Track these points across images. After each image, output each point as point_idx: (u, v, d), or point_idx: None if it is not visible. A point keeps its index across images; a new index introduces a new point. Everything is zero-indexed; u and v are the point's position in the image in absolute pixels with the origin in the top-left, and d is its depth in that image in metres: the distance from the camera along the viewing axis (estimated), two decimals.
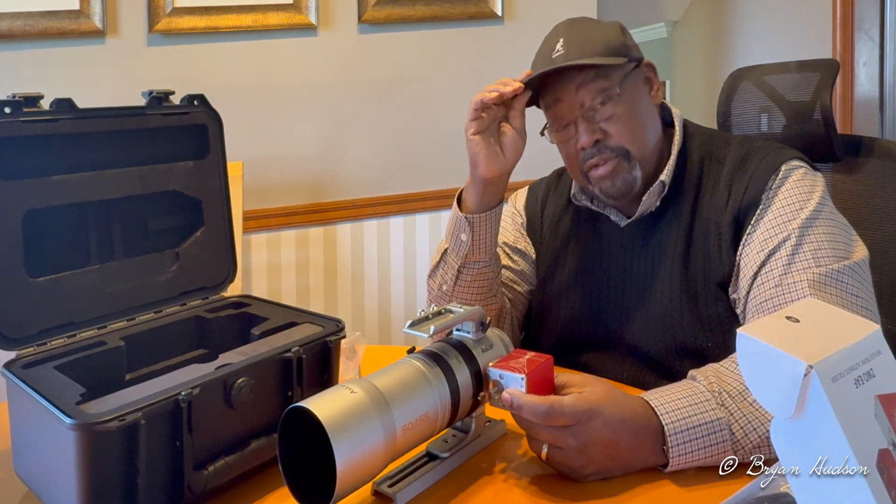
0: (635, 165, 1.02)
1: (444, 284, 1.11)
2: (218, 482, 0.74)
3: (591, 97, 1.00)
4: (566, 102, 1.02)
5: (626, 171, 1.02)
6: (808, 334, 0.51)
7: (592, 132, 1.00)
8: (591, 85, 1.00)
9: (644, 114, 1.04)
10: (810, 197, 0.95)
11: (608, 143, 1.01)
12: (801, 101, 1.25)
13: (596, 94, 1.00)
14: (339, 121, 2.06)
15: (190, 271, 0.99)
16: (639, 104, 1.03)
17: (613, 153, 1.01)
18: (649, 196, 1.04)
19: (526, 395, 0.75)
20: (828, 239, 0.92)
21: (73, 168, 0.88)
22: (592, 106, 1.00)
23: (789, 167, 0.99)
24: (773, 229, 0.95)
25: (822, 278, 0.89)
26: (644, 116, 1.04)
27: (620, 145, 1.01)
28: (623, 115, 1.01)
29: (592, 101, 1.00)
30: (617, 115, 1.00)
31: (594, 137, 1.00)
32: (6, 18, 1.75)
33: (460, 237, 1.07)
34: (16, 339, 0.81)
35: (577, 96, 1.01)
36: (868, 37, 2.43)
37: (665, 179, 1.04)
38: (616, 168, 1.01)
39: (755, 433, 0.77)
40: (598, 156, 1.01)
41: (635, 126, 1.02)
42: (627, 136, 1.01)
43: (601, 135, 1.01)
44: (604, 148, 1.01)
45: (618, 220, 1.10)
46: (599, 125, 1.01)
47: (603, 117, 1.00)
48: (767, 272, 0.93)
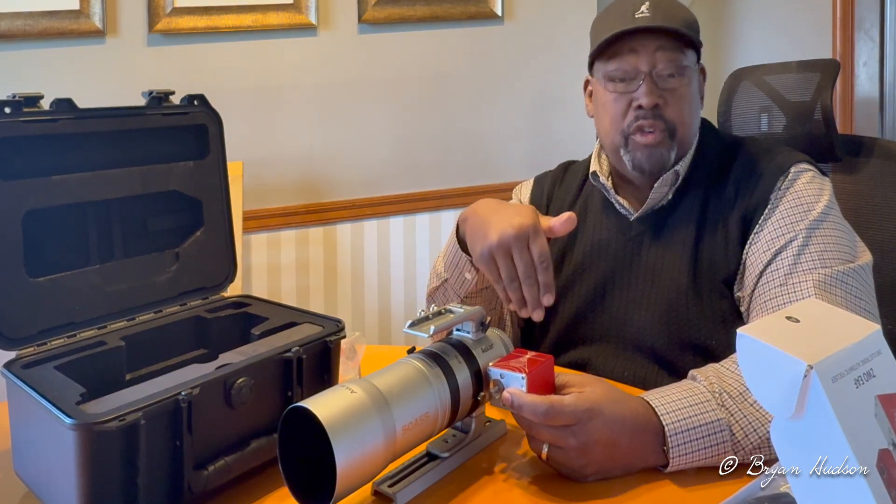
0: (674, 146, 1.03)
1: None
2: (218, 482, 0.74)
3: (665, 63, 1.01)
4: (641, 56, 1.02)
5: (666, 148, 1.03)
6: (808, 334, 0.51)
7: (656, 95, 1.01)
8: (671, 53, 1.01)
9: (697, 104, 1.07)
10: (819, 199, 0.96)
11: (664, 114, 1.02)
12: (801, 101, 1.25)
13: (671, 62, 1.01)
14: (339, 121, 2.06)
15: (190, 271, 0.99)
16: (696, 93, 1.06)
17: (664, 125, 1.02)
18: (661, 185, 1.04)
19: (526, 395, 0.75)
20: (834, 241, 0.93)
21: (73, 168, 0.88)
22: (663, 72, 1.01)
23: (798, 169, 1.00)
24: (780, 229, 0.95)
25: (827, 279, 0.89)
26: (696, 106, 1.07)
27: (672, 121, 1.02)
28: (685, 94, 1.03)
29: (666, 66, 1.01)
30: (681, 91, 1.02)
31: (656, 101, 1.01)
32: (6, 18, 1.75)
33: (464, 276, 1.05)
34: (16, 339, 0.81)
35: (654, 56, 1.01)
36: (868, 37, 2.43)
37: (679, 170, 1.04)
38: (661, 141, 1.02)
39: (755, 434, 0.77)
40: (651, 120, 1.02)
41: (689, 110, 1.04)
42: (681, 116, 1.03)
43: (661, 101, 1.01)
44: (659, 116, 1.02)
45: (627, 214, 1.10)
46: (662, 92, 1.02)
47: (668, 86, 1.02)
48: (773, 271, 0.93)
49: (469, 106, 2.17)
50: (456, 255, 1.05)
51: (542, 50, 2.21)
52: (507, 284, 0.88)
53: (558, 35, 2.21)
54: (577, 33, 2.19)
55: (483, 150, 2.19)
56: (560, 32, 2.21)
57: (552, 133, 2.24)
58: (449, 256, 1.07)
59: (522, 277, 0.86)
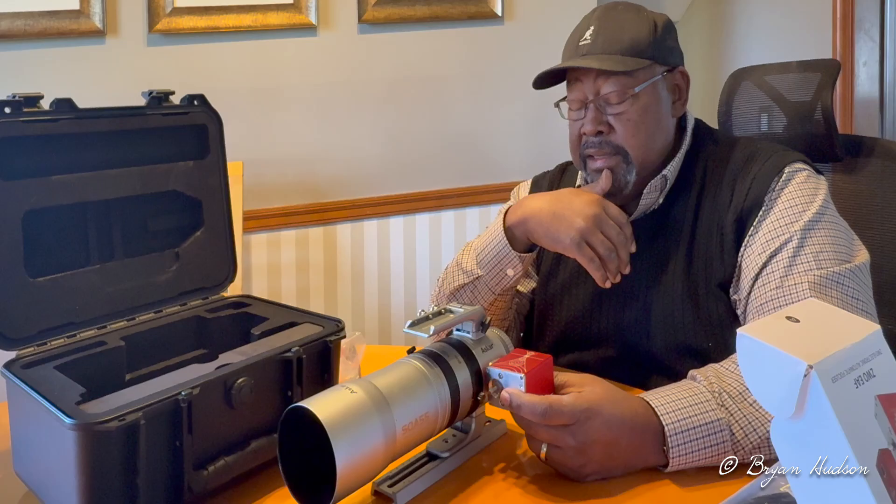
0: (632, 169, 1.02)
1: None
2: (218, 482, 0.74)
3: (607, 89, 1.00)
4: (584, 84, 1.02)
5: (622, 171, 1.02)
6: (808, 334, 0.51)
7: (598, 122, 1.01)
8: (612, 78, 1.00)
9: (655, 121, 1.03)
10: (813, 200, 0.95)
11: (610, 139, 1.01)
12: (802, 101, 1.25)
13: (613, 88, 1.00)
14: (340, 121, 2.06)
15: (190, 271, 0.99)
16: (653, 110, 1.02)
17: (612, 150, 1.02)
18: (650, 191, 1.04)
19: (525, 395, 0.75)
20: (830, 242, 0.92)
21: (73, 168, 0.88)
22: (606, 97, 1.01)
23: (793, 169, 0.99)
24: (775, 231, 0.94)
25: (823, 280, 0.88)
26: (655, 124, 1.03)
27: (621, 146, 1.01)
28: (633, 117, 1.00)
29: (608, 93, 1.00)
30: (627, 115, 1.00)
31: (598, 128, 1.01)
32: (6, 18, 1.75)
33: (506, 272, 1.05)
34: (16, 339, 0.81)
35: (595, 83, 1.01)
36: (868, 37, 2.43)
37: (668, 174, 1.04)
38: (613, 166, 1.02)
39: (755, 434, 0.77)
40: (597, 148, 1.02)
41: (642, 131, 1.01)
42: (631, 139, 1.01)
43: (606, 128, 1.01)
44: (605, 143, 1.02)
45: None
46: (607, 118, 1.01)
47: (613, 112, 1.01)
48: (769, 273, 0.93)
49: (469, 106, 2.17)
50: (500, 252, 1.04)
51: (543, 50, 2.20)
52: (608, 257, 0.95)
53: (558, 35, 2.19)
54: None
55: (483, 149, 2.19)
56: (560, 32, 2.18)
57: (552, 133, 2.24)
58: (489, 254, 1.06)
59: (619, 245, 0.96)
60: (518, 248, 1.04)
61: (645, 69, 1.01)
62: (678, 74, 1.06)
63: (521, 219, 1.02)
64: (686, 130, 1.08)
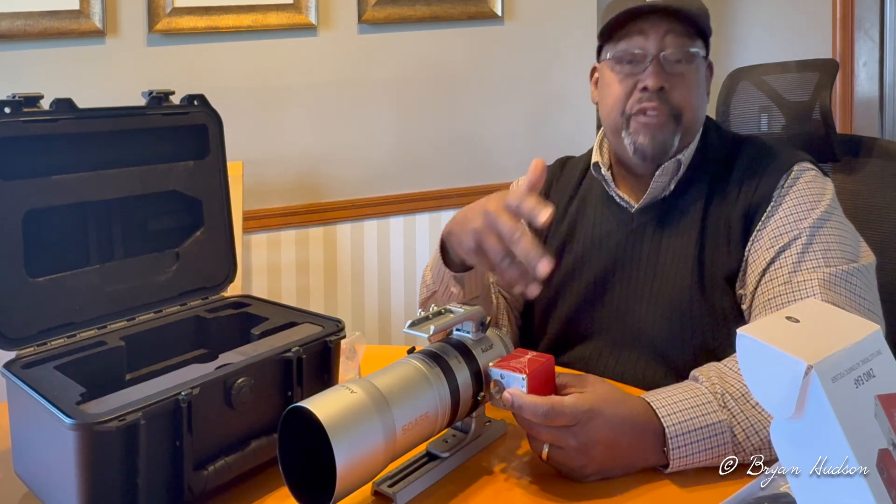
0: (679, 132, 1.02)
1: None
2: (218, 482, 0.74)
3: (675, 47, 1.00)
4: (650, 38, 1.01)
5: (670, 132, 1.02)
6: (808, 334, 0.51)
7: (662, 78, 1.00)
8: (680, 38, 1.01)
9: (703, 92, 1.06)
10: (821, 198, 0.96)
11: (669, 98, 1.01)
12: (800, 101, 1.25)
13: (680, 47, 1.01)
14: (340, 121, 2.06)
15: (190, 271, 0.99)
16: (703, 82, 1.06)
17: (669, 108, 1.01)
18: (662, 174, 1.03)
19: (527, 396, 0.75)
20: (837, 240, 0.92)
21: (73, 168, 0.88)
22: (671, 56, 1.01)
23: (801, 168, 0.99)
24: (783, 227, 0.95)
25: (832, 278, 0.89)
26: (702, 94, 1.06)
27: (678, 105, 1.01)
28: (692, 80, 1.02)
29: (675, 51, 1.00)
30: (688, 77, 1.02)
31: (661, 83, 1.00)
32: (6, 18, 1.75)
33: (451, 290, 1.00)
34: (16, 339, 0.81)
35: (664, 39, 1.00)
36: (868, 37, 2.43)
37: (682, 159, 1.04)
38: (663, 124, 1.01)
39: (757, 436, 0.77)
40: (656, 102, 1.01)
41: (696, 96, 1.03)
42: (687, 100, 1.02)
43: (668, 85, 1.01)
44: (664, 99, 1.01)
45: (627, 206, 1.09)
46: (669, 77, 1.01)
47: (675, 71, 1.01)
48: (776, 269, 0.93)
49: (469, 106, 2.17)
50: (439, 269, 0.99)
51: (542, 50, 2.20)
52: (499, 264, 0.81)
53: (558, 35, 2.21)
54: (577, 33, 2.19)
55: (483, 149, 2.19)
56: (560, 32, 2.20)
57: (552, 133, 2.24)
58: (435, 270, 1.02)
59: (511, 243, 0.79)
60: (453, 265, 0.96)
61: (701, 41, 1.04)
62: (709, 64, 1.09)
63: (448, 230, 0.94)
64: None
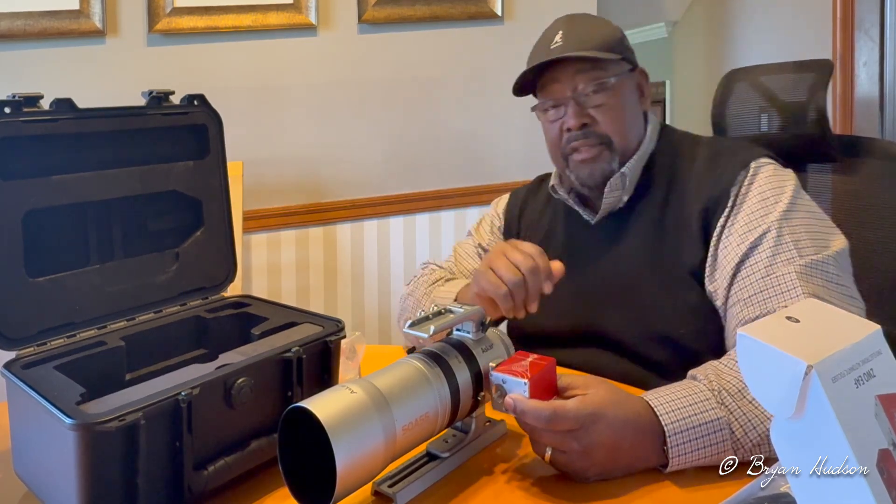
0: (615, 157, 1.07)
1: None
2: (218, 482, 0.74)
3: (585, 83, 1.05)
4: (562, 84, 1.06)
5: (606, 160, 1.06)
6: (808, 334, 0.51)
7: (581, 116, 1.06)
8: (588, 73, 1.05)
9: (631, 112, 1.09)
10: (783, 190, 0.98)
11: (594, 130, 1.06)
12: (796, 101, 1.25)
13: (591, 82, 1.05)
14: (339, 121, 2.06)
15: (190, 271, 0.99)
16: (628, 102, 1.09)
17: (598, 140, 1.06)
18: (610, 190, 1.07)
19: (529, 400, 0.75)
20: (806, 230, 0.94)
21: (73, 168, 0.88)
22: (585, 91, 1.05)
23: (759, 164, 1.02)
24: (751, 223, 0.96)
25: (807, 269, 0.90)
26: (631, 114, 1.09)
27: (606, 133, 1.06)
28: (613, 106, 1.06)
29: (586, 86, 1.05)
30: (607, 104, 1.05)
31: (582, 121, 1.05)
32: (6, 18, 1.75)
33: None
34: (16, 339, 0.81)
35: (574, 80, 1.06)
36: (868, 37, 2.43)
37: (626, 172, 1.07)
38: (597, 156, 1.06)
39: (755, 431, 0.77)
40: (582, 140, 1.06)
41: (622, 119, 1.07)
42: (613, 127, 1.06)
43: (589, 119, 1.06)
44: (590, 133, 1.06)
45: (588, 218, 1.13)
46: (589, 111, 1.06)
47: (593, 104, 1.05)
48: (752, 265, 0.94)
49: (469, 106, 2.17)
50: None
51: None
52: (513, 284, 0.90)
53: None
54: None
55: (482, 149, 2.19)
56: None
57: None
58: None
59: (527, 272, 0.90)
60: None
61: (616, 63, 1.07)
62: (639, 73, 1.12)
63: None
64: (646, 131, 1.12)
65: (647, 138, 1.10)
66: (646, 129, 1.12)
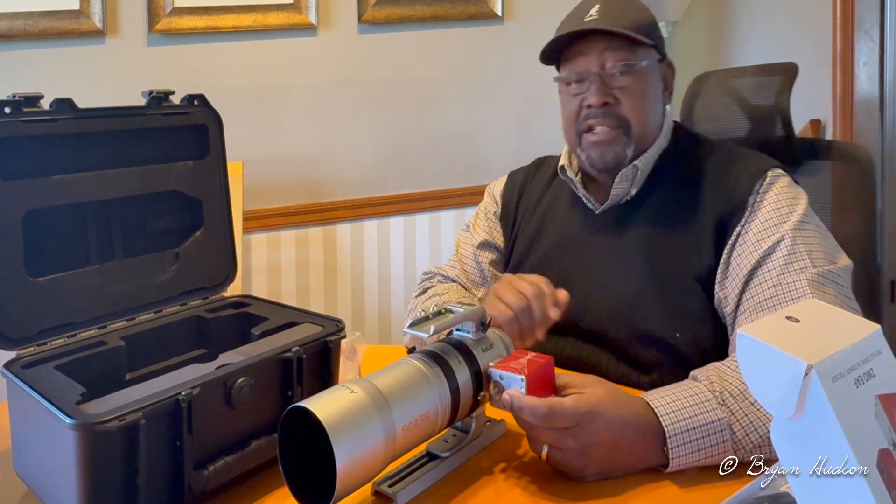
0: (630, 143, 1.05)
1: None
2: (218, 482, 0.74)
3: (613, 61, 1.03)
4: (589, 58, 1.04)
5: (620, 144, 1.05)
6: (808, 334, 0.51)
7: (604, 94, 1.03)
8: (618, 52, 1.03)
9: (653, 101, 1.07)
10: (797, 202, 0.98)
11: (615, 110, 1.04)
12: (761, 104, 1.27)
13: (619, 61, 1.03)
14: (339, 121, 2.06)
15: (190, 271, 0.99)
16: (652, 89, 1.07)
17: (616, 122, 1.04)
18: (620, 180, 1.06)
19: (526, 397, 0.75)
20: (818, 242, 0.94)
21: (73, 168, 0.88)
22: (612, 70, 1.03)
23: (775, 174, 1.02)
24: (765, 231, 0.96)
25: (820, 278, 0.90)
26: (652, 103, 1.07)
27: (625, 116, 1.04)
28: (637, 90, 1.04)
29: (614, 65, 1.03)
30: (632, 87, 1.03)
31: (604, 99, 1.03)
32: (6, 18, 1.75)
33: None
34: (16, 339, 0.81)
35: (602, 57, 1.03)
36: (868, 37, 2.43)
37: (640, 164, 1.06)
38: (613, 139, 1.04)
39: (756, 433, 0.77)
40: (601, 119, 1.04)
41: (644, 106, 1.05)
42: (634, 111, 1.04)
43: (611, 99, 1.04)
44: (609, 114, 1.04)
45: (593, 207, 1.12)
46: (613, 90, 1.03)
47: (618, 84, 1.03)
48: (765, 272, 0.94)
49: (469, 106, 2.17)
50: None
51: None
52: (519, 309, 0.94)
53: None
54: None
55: (483, 150, 2.19)
56: None
57: (553, 133, 2.23)
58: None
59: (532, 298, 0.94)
60: None
61: (647, 49, 1.05)
62: (667, 65, 1.10)
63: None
64: (662, 126, 1.10)
65: (663, 134, 1.09)
66: (662, 124, 1.10)
